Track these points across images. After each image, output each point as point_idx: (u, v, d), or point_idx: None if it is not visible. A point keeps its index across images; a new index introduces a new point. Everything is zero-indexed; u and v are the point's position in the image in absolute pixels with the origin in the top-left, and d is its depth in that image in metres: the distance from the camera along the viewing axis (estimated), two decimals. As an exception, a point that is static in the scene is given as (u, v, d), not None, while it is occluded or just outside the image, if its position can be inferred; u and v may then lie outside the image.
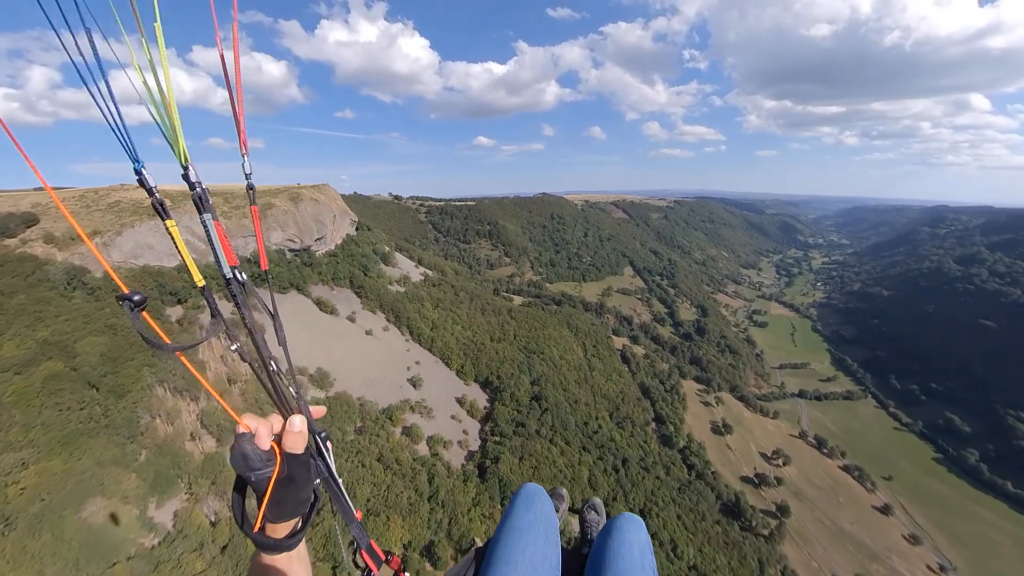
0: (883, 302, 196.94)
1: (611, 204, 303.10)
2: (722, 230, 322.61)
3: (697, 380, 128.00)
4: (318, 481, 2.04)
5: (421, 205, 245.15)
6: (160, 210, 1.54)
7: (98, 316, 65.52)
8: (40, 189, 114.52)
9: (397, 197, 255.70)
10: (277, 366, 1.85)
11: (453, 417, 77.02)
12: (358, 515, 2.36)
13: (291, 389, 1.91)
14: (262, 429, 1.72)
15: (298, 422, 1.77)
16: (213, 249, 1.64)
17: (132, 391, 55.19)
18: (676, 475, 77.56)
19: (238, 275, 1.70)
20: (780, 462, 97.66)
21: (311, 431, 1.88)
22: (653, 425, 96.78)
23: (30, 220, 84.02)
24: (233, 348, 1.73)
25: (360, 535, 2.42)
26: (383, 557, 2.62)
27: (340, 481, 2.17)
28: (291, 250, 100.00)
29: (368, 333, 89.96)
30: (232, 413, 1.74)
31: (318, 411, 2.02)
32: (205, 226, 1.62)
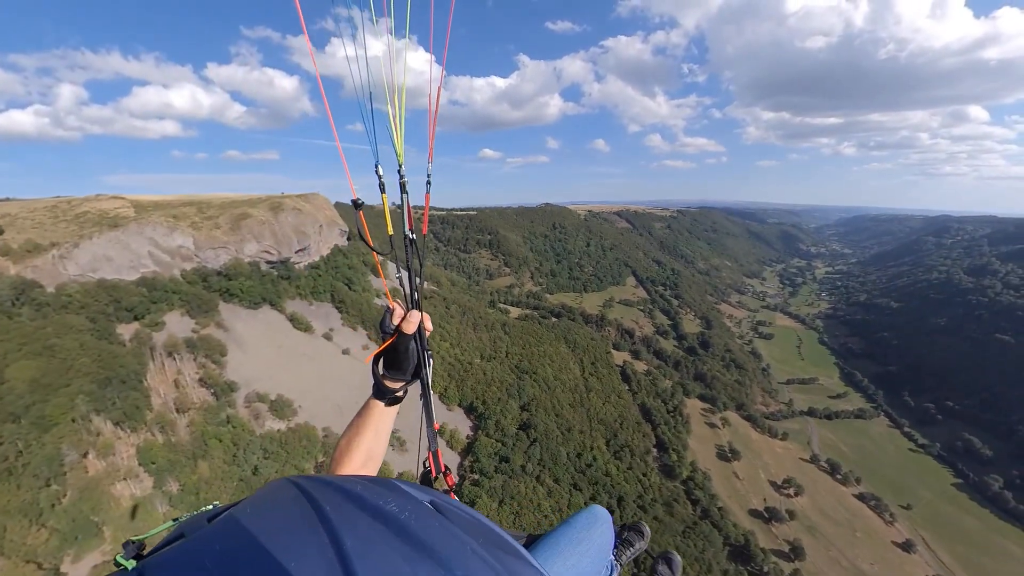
0: (891, 314, 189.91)
1: (614, 214, 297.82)
2: (725, 239, 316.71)
3: (702, 398, 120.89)
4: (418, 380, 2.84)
5: (423, 214, 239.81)
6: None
7: (38, 336, 58.82)
8: (4, 199, 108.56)
9: (398, 206, 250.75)
10: (418, 289, 2.82)
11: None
12: (436, 426, 2.91)
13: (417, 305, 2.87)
14: (397, 311, 2.66)
15: (415, 315, 2.67)
16: (406, 219, 2.67)
17: (60, 423, 48.44)
18: (679, 514, 69.93)
19: (410, 235, 2.72)
20: (792, 492, 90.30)
21: (419, 330, 2.74)
22: (654, 452, 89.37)
23: (-9, 231, 78.29)
24: (397, 275, 2.73)
25: (432, 440, 2.87)
26: (443, 468, 2.92)
27: (431, 393, 2.88)
28: (268, 262, 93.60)
29: (345, 352, 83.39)
30: (389, 297, 2.66)
31: (428, 327, 2.83)
32: (407, 203, 2.69)
